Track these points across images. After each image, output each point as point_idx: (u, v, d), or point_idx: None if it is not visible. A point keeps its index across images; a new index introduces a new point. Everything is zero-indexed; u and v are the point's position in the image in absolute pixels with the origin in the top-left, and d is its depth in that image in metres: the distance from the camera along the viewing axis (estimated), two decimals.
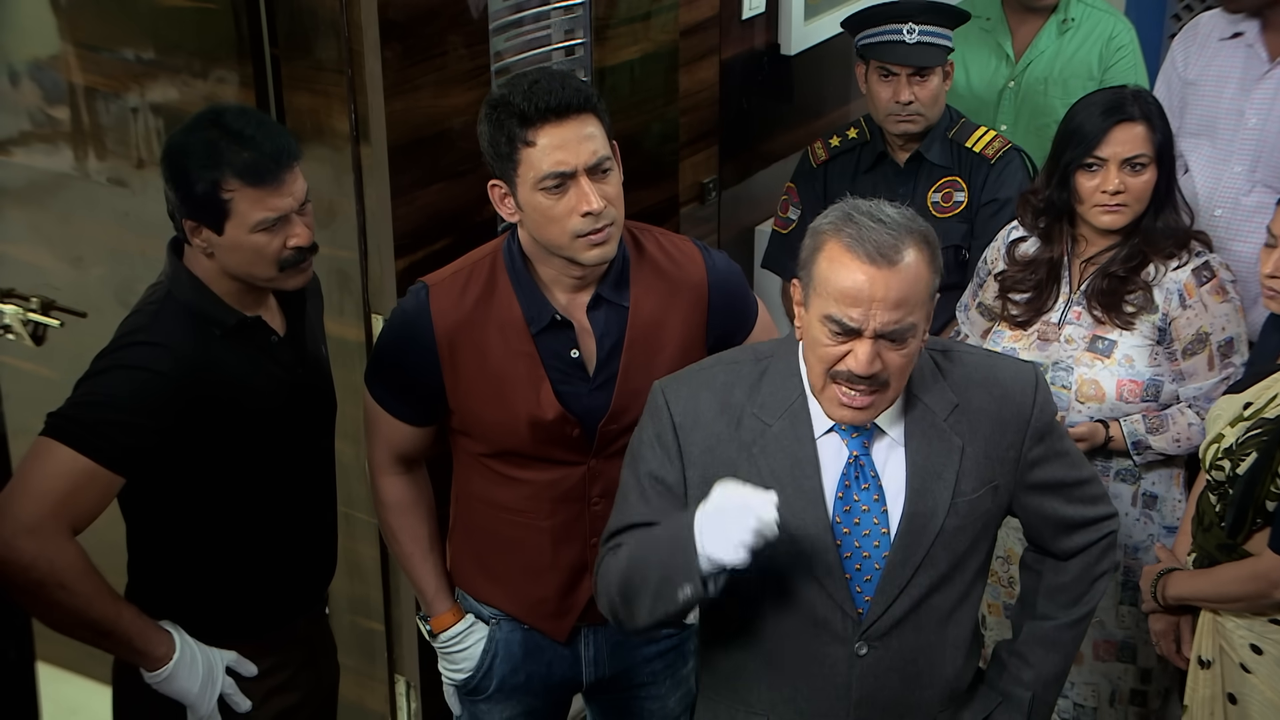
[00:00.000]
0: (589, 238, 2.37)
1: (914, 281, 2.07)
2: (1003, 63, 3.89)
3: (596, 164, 2.36)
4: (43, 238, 3.38)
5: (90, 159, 3.23)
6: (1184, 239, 2.92)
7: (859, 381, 2.08)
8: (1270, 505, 2.55)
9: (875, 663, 2.21)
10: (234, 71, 2.93)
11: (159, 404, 2.29)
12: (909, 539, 2.18)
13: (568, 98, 2.34)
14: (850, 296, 2.05)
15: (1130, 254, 2.92)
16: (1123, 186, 2.86)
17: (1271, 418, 2.55)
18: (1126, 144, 2.86)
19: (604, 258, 2.41)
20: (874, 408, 2.12)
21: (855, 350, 2.07)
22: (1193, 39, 3.54)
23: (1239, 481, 2.58)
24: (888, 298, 2.05)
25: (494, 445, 2.52)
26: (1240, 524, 2.60)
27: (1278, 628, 2.58)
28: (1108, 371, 2.93)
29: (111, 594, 2.34)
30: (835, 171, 3.58)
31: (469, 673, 2.65)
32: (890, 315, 2.06)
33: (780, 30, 4.05)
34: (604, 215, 2.36)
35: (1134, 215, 2.90)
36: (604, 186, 2.37)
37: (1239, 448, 2.59)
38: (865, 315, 2.05)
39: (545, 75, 2.39)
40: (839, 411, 2.13)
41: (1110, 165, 2.86)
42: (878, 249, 2.05)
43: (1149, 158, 2.87)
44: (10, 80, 3.29)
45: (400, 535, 2.64)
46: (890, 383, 2.11)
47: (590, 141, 2.36)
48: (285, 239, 2.35)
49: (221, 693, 2.45)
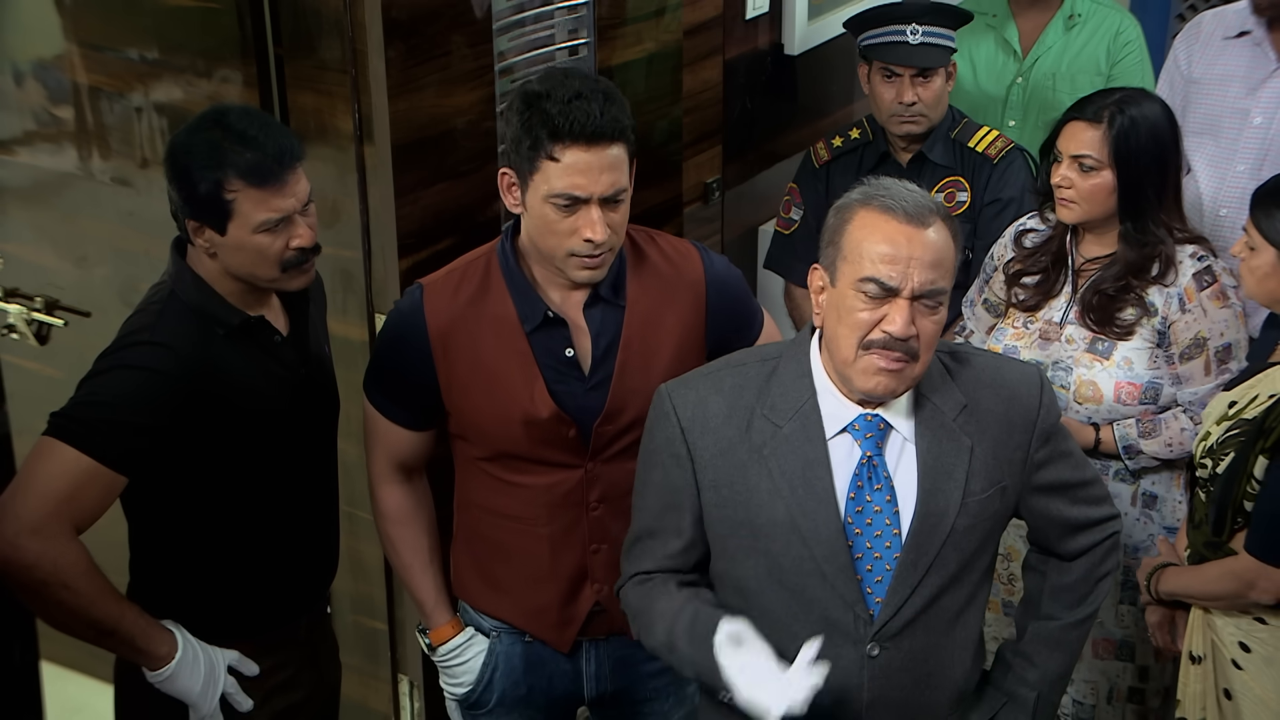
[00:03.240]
0: (583, 259, 2.37)
1: (944, 248, 2.12)
2: (1010, 59, 3.89)
3: (613, 195, 2.35)
4: (47, 237, 3.38)
5: (94, 158, 3.23)
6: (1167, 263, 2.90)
7: (896, 346, 2.10)
8: (1248, 505, 2.55)
9: (887, 664, 2.21)
10: (238, 71, 2.94)
11: (162, 404, 2.29)
12: (920, 539, 2.18)
13: (604, 126, 2.30)
14: (889, 256, 2.08)
15: (1119, 274, 2.93)
16: (1069, 182, 2.89)
17: (1250, 418, 2.56)
18: (1073, 141, 2.89)
19: (593, 280, 2.42)
20: (904, 377, 2.14)
21: (891, 313, 2.09)
22: (1196, 37, 3.53)
23: (1218, 481, 2.59)
24: (924, 257, 2.09)
25: (491, 448, 2.51)
26: (1221, 523, 2.61)
27: (1262, 626, 2.59)
28: (1106, 373, 2.93)
29: (114, 593, 2.34)
30: (838, 172, 3.57)
31: (469, 686, 2.64)
32: (927, 274, 2.09)
33: (784, 30, 4.05)
34: (604, 244, 2.36)
35: (1085, 215, 2.92)
36: (612, 215, 2.36)
37: (1219, 447, 2.61)
38: (904, 274, 2.08)
39: (588, 90, 2.32)
40: (872, 380, 2.13)
41: (1064, 159, 2.91)
42: (914, 208, 2.10)
43: (1099, 161, 2.87)
44: (15, 80, 3.29)
45: (400, 546, 2.63)
46: (920, 355, 2.13)
47: (612, 172, 2.34)
48: (288, 239, 2.35)
49: (223, 692, 2.45)
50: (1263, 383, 2.60)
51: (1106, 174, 2.88)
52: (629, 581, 2.34)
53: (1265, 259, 2.59)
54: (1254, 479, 2.53)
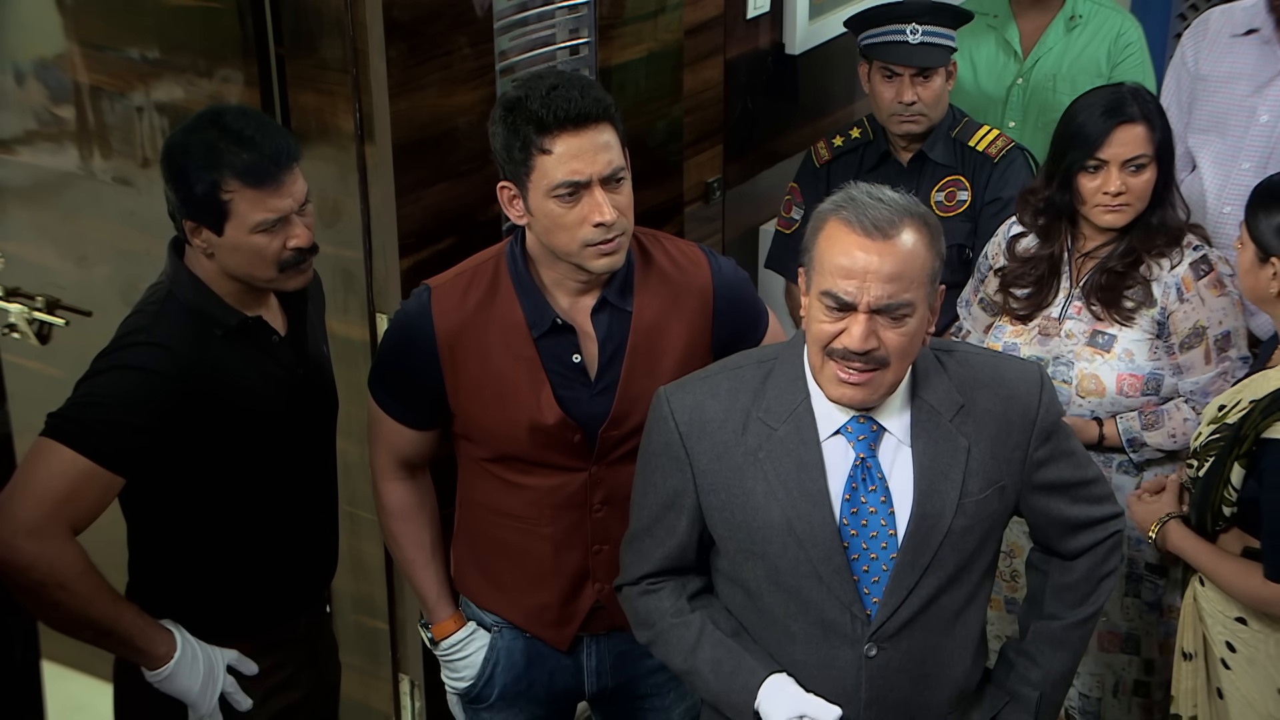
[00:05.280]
0: (599, 247, 2.36)
1: (910, 258, 2.09)
2: (1010, 59, 3.89)
3: (611, 174, 2.35)
4: (48, 237, 3.38)
5: (95, 158, 3.24)
6: (1178, 235, 2.93)
7: (854, 358, 2.10)
8: (1227, 511, 2.56)
9: (885, 664, 2.21)
10: (239, 70, 2.94)
11: (159, 404, 2.29)
12: (917, 540, 2.18)
13: (587, 107, 2.32)
14: (845, 270, 2.08)
15: (1127, 250, 2.93)
16: (1124, 187, 2.87)
17: (1231, 424, 2.56)
18: (1127, 145, 2.86)
19: (612, 266, 2.41)
20: (873, 386, 2.13)
21: (850, 326, 2.09)
22: (1203, 34, 3.52)
23: (1198, 484, 2.60)
24: (882, 270, 2.07)
25: (495, 450, 2.51)
26: (1202, 526, 2.63)
27: (1244, 627, 2.60)
28: (1108, 366, 2.94)
29: (112, 593, 2.34)
30: (838, 171, 3.57)
31: (470, 681, 2.64)
32: (884, 289, 2.07)
33: (785, 30, 4.05)
34: (615, 226, 2.36)
35: (1136, 214, 2.91)
36: (616, 196, 2.36)
37: (1203, 450, 2.61)
38: (860, 289, 2.07)
39: (564, 81, 2.36)
40: (837, 389, 2.14)
41: (1112, 167, 2.87)
42: (874, 223, 2.08)
43: (1149, 157, 2.87)
44: (15, 79, 3.29)
45: (402, 541, 2.64)
46: (890, 363, 2.12)
47: (606, 152, 2.34)
48: (285, 240, 2.35)
49: (222, 691, 2.46)
50: (1248, 388, 2.61)
51: (1152, 167, 2.88)
52: (633, 588, 2.35)
53: (1247, 255, 2.63)
54: (1231, 484, 2.54)
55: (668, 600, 2.31)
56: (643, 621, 2.35)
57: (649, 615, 2.33)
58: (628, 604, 2.38)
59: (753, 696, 2.21)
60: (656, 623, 2.32)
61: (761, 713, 2.21)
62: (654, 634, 2.33)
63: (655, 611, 2.32)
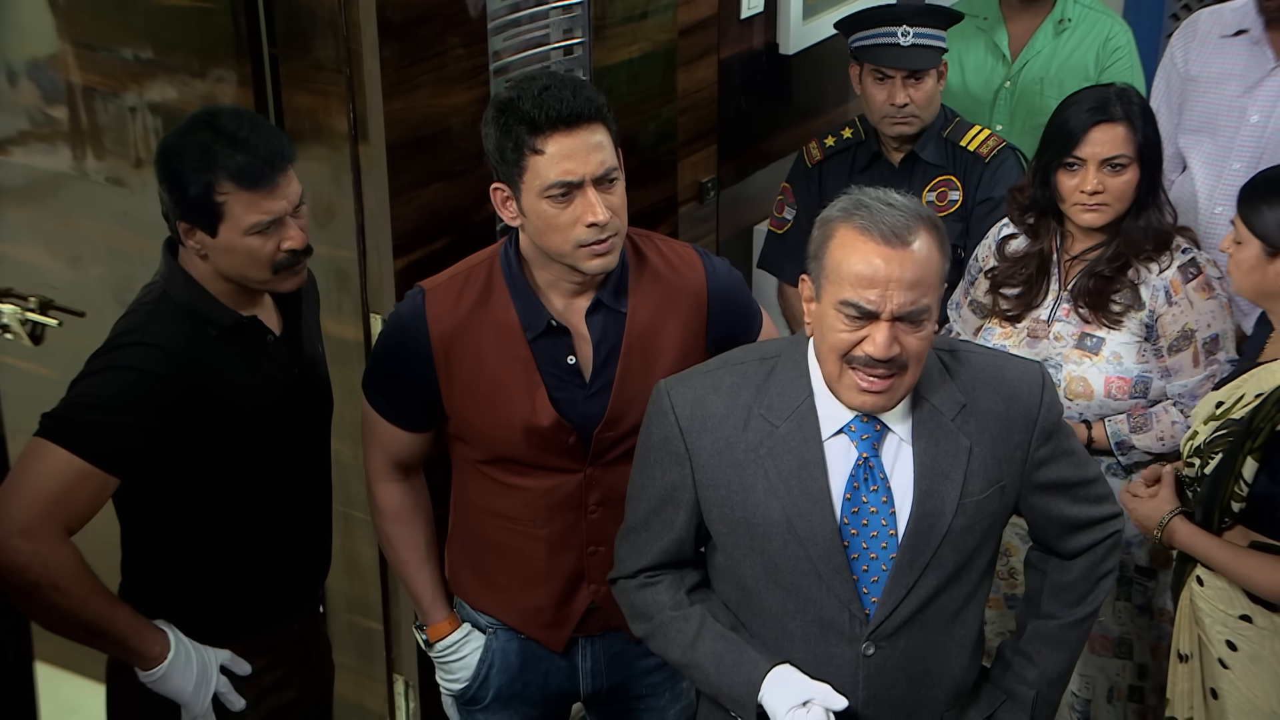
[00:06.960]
0: (592, 248, 2.36)
1: (926, 263, 2.10)
2: (999, 62, 3.89)
3: (604, 174, 2.35)
4: (41, 237, 3.38)
5: (89, 158, 3.23)
6: (1165, 239, 2.93)
7: (878, 365, 2.09)
8: (1236, 507, 2.56)
9: (883, 663, 2.21)
10: (232, 71, 2.93)
11: (153, 404, 2.29)
12: (916, 540, 2.18)
13: (579, 107, 2.32)
14: (866, 279, 2.07)
15: (1115, 254, 2.93)
16: (1101, 186, 2.87)
17: (1238, 418, 2.56)
18: (1105, 144, 2.86)
19: (606, 267, 2.40)
20: (893, 391, 2.13)
21: (873, 334, 2.09)
22: (1193, 35, 3.53)
23: (1205, 481, 2.60)
24: (904, 278, 2.07)
25: (490, 452, 2.51)
26: (1209, 523, 2.61)
27: (1248, 624, 2.59)
28: (1096, 369, 2.94)
29: (106, 594, 2.34)
30: (830, 171, 3.58)
31: (465, 682, 2.64)
32: (907, 296, 2.07)
33: (779, 30, 4.05)
34: (608, 226, 2.35)
35: (1115, 214, 2.90)
36: (609, 196, 2.36)
37: (1207, 447, 2.61)
38: (882, 297, 2.07)
39: (555, 81, 2.36)
40: (858, 397, 2.14)
41: (1090, 165, 2.87)
42: (892, 230, 2.08)
43: (1129, 158, 2.87)
44: (9, 79, 3.29)
45: (397, 543, 2.63)
46: (909, 366, 2.12)
47: (599, 152, 2.34)
48: (279, 241, 2.35)
49: (216, 691, 2.46)
50: (1249, 382, 2.60)
51: (1133, 169, 2.88)
52: (630, 581, 2.35)
53: (1250, 252, 2.61)
54: (1242, 479, 2.53)
55: (666, 593, 2.31)
56: (640, 614, 2.34)
57: (647, 608, 2.33)
58: (623, 597, 2.37)
59: (755, 688, 2.20)
60: (655, 615, 2.31)
61: (765, 704, 2.20)
62: (652, 627, 2.32)
63: (653, 604, 2.32)
